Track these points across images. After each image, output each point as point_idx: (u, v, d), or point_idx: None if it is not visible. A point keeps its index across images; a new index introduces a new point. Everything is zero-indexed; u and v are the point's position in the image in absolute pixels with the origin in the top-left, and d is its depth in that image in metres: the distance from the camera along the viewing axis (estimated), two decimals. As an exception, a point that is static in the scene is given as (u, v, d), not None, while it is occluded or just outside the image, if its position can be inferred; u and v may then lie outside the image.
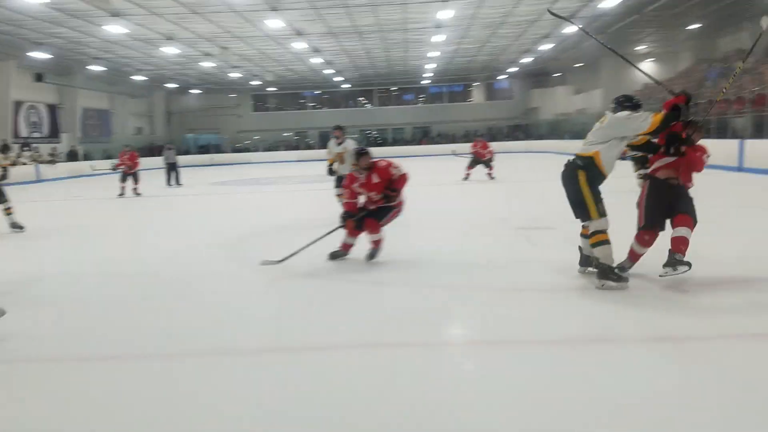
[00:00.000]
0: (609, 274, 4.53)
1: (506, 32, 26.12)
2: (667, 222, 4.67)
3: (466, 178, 15.49)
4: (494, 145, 16.97)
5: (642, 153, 4.97)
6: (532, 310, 4.34)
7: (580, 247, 5.04)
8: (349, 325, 4.13)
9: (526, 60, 34.06)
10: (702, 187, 4.80)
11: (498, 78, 42.73)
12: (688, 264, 4.40)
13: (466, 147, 16.48)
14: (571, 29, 24.35)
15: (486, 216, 9.05)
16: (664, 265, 4.48)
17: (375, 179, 6.04)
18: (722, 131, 18.38)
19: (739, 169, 15.15)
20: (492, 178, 15.53)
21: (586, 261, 5.00)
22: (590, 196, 4.56)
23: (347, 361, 3.52)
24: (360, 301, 4.80)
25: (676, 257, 4.40)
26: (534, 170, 20.62)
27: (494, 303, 4.59)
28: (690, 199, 4.63)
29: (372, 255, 6.08)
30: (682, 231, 4.46)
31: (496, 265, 5.77)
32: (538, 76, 40.80)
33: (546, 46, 29.25)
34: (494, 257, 6.15)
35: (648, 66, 33.60)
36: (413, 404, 2.88)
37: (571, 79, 38.41)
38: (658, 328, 3.84)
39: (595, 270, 4.75)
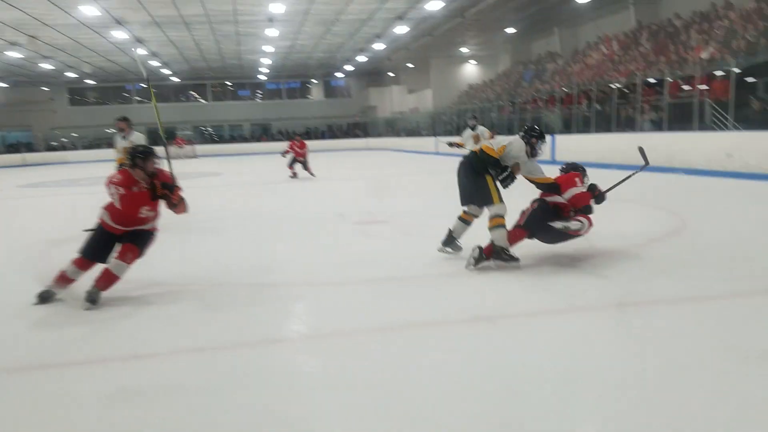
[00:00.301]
0: (501, 254, 4.88)
1: (340, 30, 26.34)
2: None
3: (293, 176, 15.32)
4: (335, 143, 16.97)
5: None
6: (382, 297, 4.31)
7: (450, 229, 5.37)
8: (178, 329, 3.78)
9: (362, 59, 34.67)
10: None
11: (336, 76, 43.10)
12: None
13: (284, 145, 16.28)
14: (401, 29, 25.11)
15: (327, 212, 8.88)
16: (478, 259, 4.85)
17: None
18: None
19: (552, 161, 16.53)
20: (312, 175, 15.45)
21: (449, 242, 5.38)
22: (493, 184, 4.99)
23: (162, 368, 3.17)
24: (184, 304, 4.36)
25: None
26: (372, 167, 20.98)
27: (331, 296, 4.49)
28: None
29: (93, 299, 4.22)
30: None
31: (333, 261, 5.59)
32: (374, 75, 41.78)
33: (379, 46, 29.94)
34: (333, 253, 5.99)
35: (471, 68, 35.82)
36: (253, 403, 2.64)
37: (404, 78, 39.79)
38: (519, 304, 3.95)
39: (451, 251, 5.34)
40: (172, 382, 2.94)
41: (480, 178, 5.01)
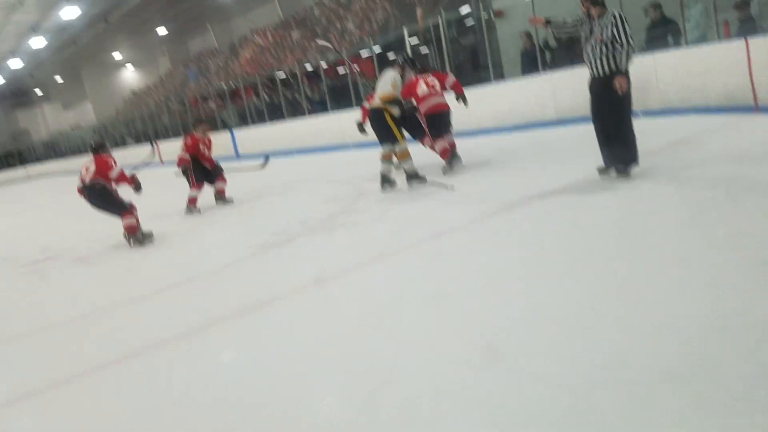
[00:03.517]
0: (414, 178, 6.22)
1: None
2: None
3: None
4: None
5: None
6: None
7: (381, 173, 6.41)
8: None
9: (-3, 80, 30.15)
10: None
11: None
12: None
13: None
14: (38, 42, 22.41)
15: None
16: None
17: None
18: (213, 124, 19.88)
19: (237, 157, 16.67)
20: None
21: (385, 180, 6.45)
22: (395, 127, 6.14)
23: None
24: None
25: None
26: (31, 199, 18.50)
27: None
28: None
29: None
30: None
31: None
32: (20, 96, 36.61)
33: (16, 63, 26.30)
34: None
35: (130, 73, 33.85)
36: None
37: (56, 95, 35.71)
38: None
39: (391, 189, 6.42)
40: None
41: (384, 121, 6.16)
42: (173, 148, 20.01)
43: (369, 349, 2.73)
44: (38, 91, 35.95)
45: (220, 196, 8.30)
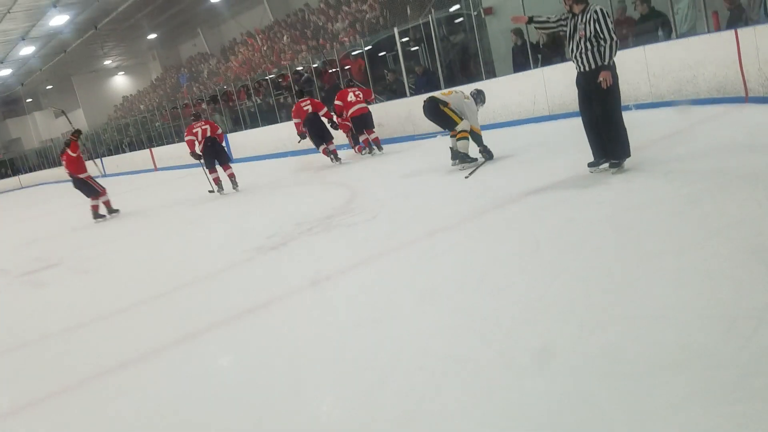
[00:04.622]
0: (465, 158, 6.67)
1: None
2: None
3: None
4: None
5: None
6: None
7: (450, 147, 6.85)
8: None
9: (-14, 88, 30.02)
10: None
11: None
12: None
13: None
14: (27, 50, 22.34)
15: None
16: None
17: None
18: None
19: (232, 161, 16.60)
20: None
21: (455, 155, 6.81)
22: (451, 113, 6.68)
23: None
24: None
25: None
26: (23, 208, 18.41)
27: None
28: None
29: None
30: None
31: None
32: (9, 105, 36.48)
33: (5, 71, 26.21)
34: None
35: (122, 79, 33.75)
36: None
37: (47, 102, 35.56)
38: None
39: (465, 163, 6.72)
40: None
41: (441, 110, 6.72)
42: (167, 153, 20.11)
43: (366, 348, 2.73)
44: (29, 100, 35.79)
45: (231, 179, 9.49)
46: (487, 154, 6.82)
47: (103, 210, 9.64)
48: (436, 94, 7.08)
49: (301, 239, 5.12)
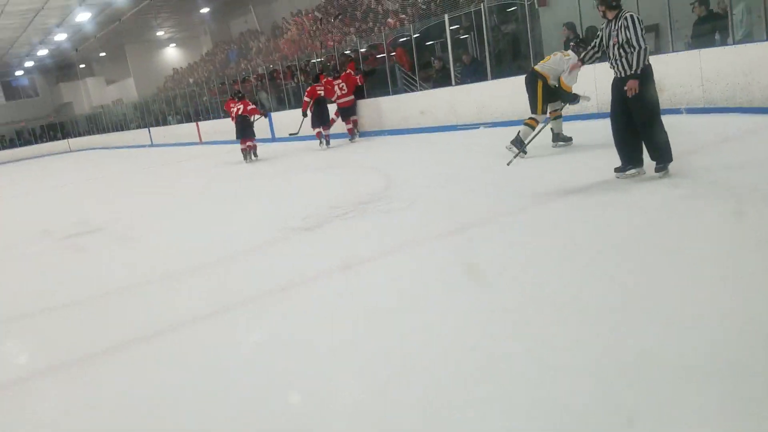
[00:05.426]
0: (519, 145, 6.35)
1: (8, 23, 22.96)
2: None
3: None
4: (29, 150, 14.79)
5: None
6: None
7: (551, 128, 6.87)
8: None
9: (42, 52, 30.78)
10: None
11: (16, 75, 37.59)
12: None
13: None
14: (83, 16, 22.87)
15: (25, 230, 7.78)
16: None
17: None
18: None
19: (273, 140, 16.77)
20: None
21: (557, 137, 6.90)
22: (540, 97, 6.51)
23: None
24: None
25: None
26: (71, 171, 18.95)
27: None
28: None
29: None
30: None
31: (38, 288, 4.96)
32: (64, 69, 37.37)
33: (61, 36, 26.85)
34: (39, 279, 5.29)
35: (173, 51, 34.27)
36: None
37: (100, 69, 36.42)
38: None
39: (562, 143, 6.86)
40: None
41: (535, 87, 6.60)
42: (212, 128, 20.40)
43: (391, 336, 2.75)
44: (82, 66, 36.66)
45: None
46: (563, 141, 6.90)
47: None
48: (537, 66, 6.83)
49: (336, 223, 5.16)
